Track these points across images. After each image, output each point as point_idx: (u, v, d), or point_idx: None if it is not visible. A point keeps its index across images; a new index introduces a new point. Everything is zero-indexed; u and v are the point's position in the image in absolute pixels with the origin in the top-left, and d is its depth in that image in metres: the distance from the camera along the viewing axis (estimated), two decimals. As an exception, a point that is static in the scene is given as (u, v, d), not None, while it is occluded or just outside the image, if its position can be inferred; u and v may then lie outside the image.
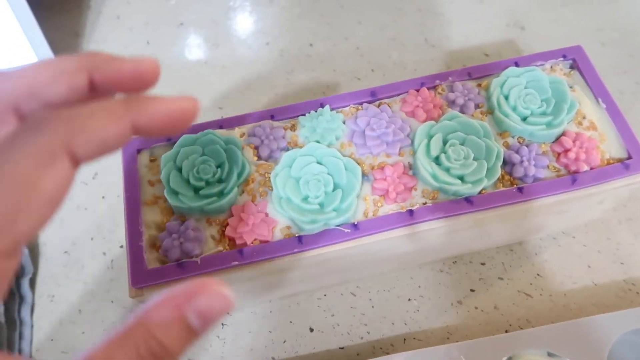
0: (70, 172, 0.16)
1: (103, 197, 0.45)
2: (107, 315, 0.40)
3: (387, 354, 0.39)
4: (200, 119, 0.50)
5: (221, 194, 0.33)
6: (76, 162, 0.16)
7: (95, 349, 0.16)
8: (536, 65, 0.38)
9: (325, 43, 0.54)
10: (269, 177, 0.34)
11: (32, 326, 0.40)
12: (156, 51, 0.54)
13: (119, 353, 0.16)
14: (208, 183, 0.33)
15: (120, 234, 0.44)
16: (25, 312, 0.40)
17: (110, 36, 0.55)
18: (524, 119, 0.35)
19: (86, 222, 0.44)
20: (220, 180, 0.33)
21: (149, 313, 0.16)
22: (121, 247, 0.43)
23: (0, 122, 0.17)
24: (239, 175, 0.34)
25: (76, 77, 0.18)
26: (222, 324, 0.40)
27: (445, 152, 0.34)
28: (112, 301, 0.41)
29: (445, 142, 0.34)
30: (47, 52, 0.49)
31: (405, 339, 0.39)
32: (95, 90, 0.18)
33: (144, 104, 0.17)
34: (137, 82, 0.18)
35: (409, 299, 0.41)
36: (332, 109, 0.36)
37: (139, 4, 0.58)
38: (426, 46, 0.54)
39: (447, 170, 0.33)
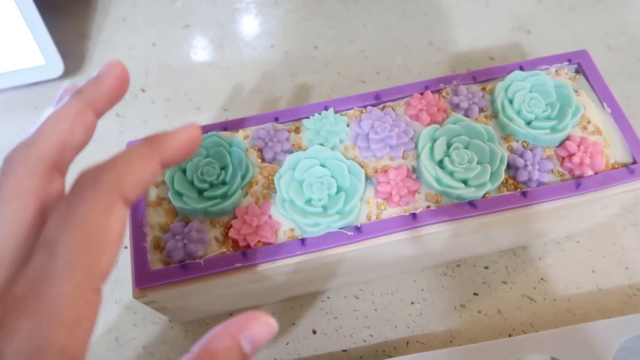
0: (126, 213, 0.19)
1: (108, 198, 0.46)
2: (110, 316, 0.41)
3: (390, 357, 0.38)
4: (205, 120, 0.50)
5: (225, 196, 0.33)
6: (129, 203, 0.19)
7: None
8: (541, 69, 0.38)
9: (330, 45, 0.54)
10: (273, 180, 0.34)
11: (36, 326, 0.40)
12: (162, 52, 0.54)
13: None
14: (212, 185, 0.33)
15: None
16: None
17: (117, 38, 0.56)
18: (528, 123, 0.35)
19: (91, 223, 0.44)
20: (224, 182, 0.34)
21: (213, 341, 0.20)
22: (125, 247, 0.43)
23: (51, 180, 0.20)
24: (243, 177, 0.34)
25: (86, 118, 0.21)
26: (225, 326, 0.40)
27: (449, 156, 0.34)
28: (115, 301, 0.41)
29: (449, 146, 0.34)
30: (54, 54, 0.49)
31: (408, 342, 0.39)
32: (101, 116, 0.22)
33: (164, 143, 0.21)
34: (121, 93, 0.23)
35: (412, 302, 0.41)
36: (336, 112, 0.36)
37: (145, 5, 0.58)
38: (431, 49, 0.54)
39: (451, 173, 0.33)
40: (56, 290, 0.17)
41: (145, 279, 0.31)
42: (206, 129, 0.36)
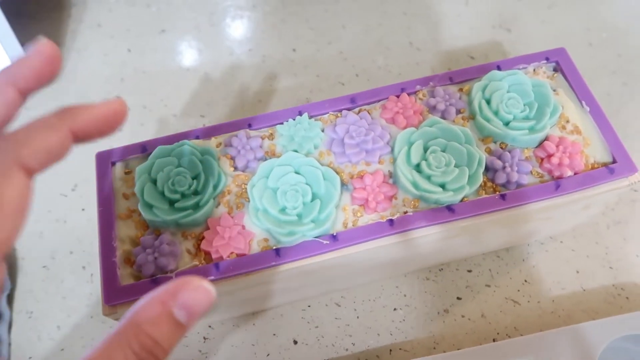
0: (26, 182, 0.18)
1: (83, 210, 0.45)
2: (86, 331, 0.40)
3: (373, 365, 0.38)
4: (182, 126, 0.49)
5: (197, 207, 0.32)
6: (30, 172, 0.18)
7: (92, 351, 0.17)
8: (519, 69, 0.37)
9: (308, 48, 0.53)
10: (246, 189, 0.33)
11: (9, 344, 0.39)
12: (137, 58, 0.53)
13: (115, 353, 0.17)
14: (183, 195, 0.32)
15: (99, 247, 0.43)
16: (2, 329, 0.39)
17: (92, 44, 0.55)
18: (507, 123, 0.34)
19: (65, 236, 0.43)
20: (195, 192, 0.33)
21: (138, 312, 0.18)
22: (101, 260, 0.42)
23: None
24: (215, 186, 0.33)
25: (6, 94, 0.19)
26: (204, 338, 0.39)
27: (426, 160, 0.33)
28: (91, 316, 0.40)
29: (426, 149, 0.34)
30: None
31: (391, 350, 0.38)
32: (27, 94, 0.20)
33: (77, 113, 0.20)
34: (51, 71, 0.20)
35: (395, 309, 0.40)
36: (310, 117, 0.36)
37: (120, 11, 0.57)
38: (411, 50, 0.53)
39: (428, 178, 0.32)
40: None
41: (114, 295, 0.30)
42: (177, 137, 0.35)
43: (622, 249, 0.42)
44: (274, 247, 0.31)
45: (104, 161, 0.35)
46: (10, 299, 0.41)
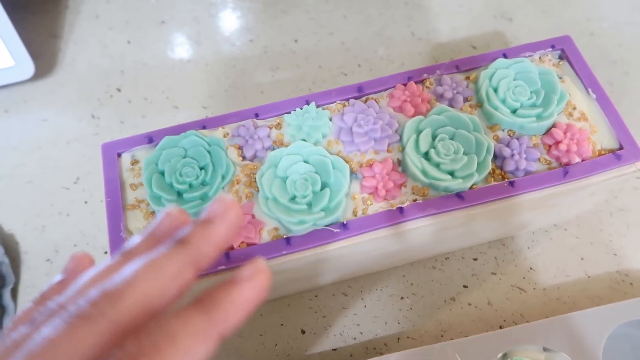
0: None
1: (85, 202, 0.44)
2: (92, 324, 0.39)
3: (381, 354, 0.38)
4: (184, 118, 0.49)
5: (205, 197, 0.32)
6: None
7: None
8: (525, 57, 0.37)
9: (310, 38, 0.53)
10: (255, 178, 0.33)
11: (14, 337, 0.39)
12: (137, 50, 0.53)
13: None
14: (191, 186, 0.32)
15: (104, 240, 0.42)
16: (7, 323, 0.39)
17: (90, 36, 0.54)
18: (514, 111, 0.34)
19: (69, 229, 0.43)
20: (204, 183, 0.32)
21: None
22: (105, 253, 0.42)
23: (112, 346, 0.16)
24: (224, 176, 0.33)
25: (185, 277, 0.17)
26: (212, 329, 0.39)
27: (434, 147, 0.33)
28: (97, 309, 0.40)
29: (434, 137, 0.34)
30: (23, 54, 0.48)
31: (398, 338, 0.38)
32: None
33: (226, 314, 0.17)
34: (230, 242, 0.19)
35: (402, 297, 0.40)
36: (318, 106, 0.35)
37: (118, 2, 0.56)
38: (413, 39, 0.53)
39: (437, 165, 0.32)
40: None
41: (125, 286, 0.30)
42: (184, 127, 0.35)
43: (626, 236, 0.42)
44: (285, 236, 0.31)
45: (110, 152, 0.34)
46: (14, 293, 0.40)
